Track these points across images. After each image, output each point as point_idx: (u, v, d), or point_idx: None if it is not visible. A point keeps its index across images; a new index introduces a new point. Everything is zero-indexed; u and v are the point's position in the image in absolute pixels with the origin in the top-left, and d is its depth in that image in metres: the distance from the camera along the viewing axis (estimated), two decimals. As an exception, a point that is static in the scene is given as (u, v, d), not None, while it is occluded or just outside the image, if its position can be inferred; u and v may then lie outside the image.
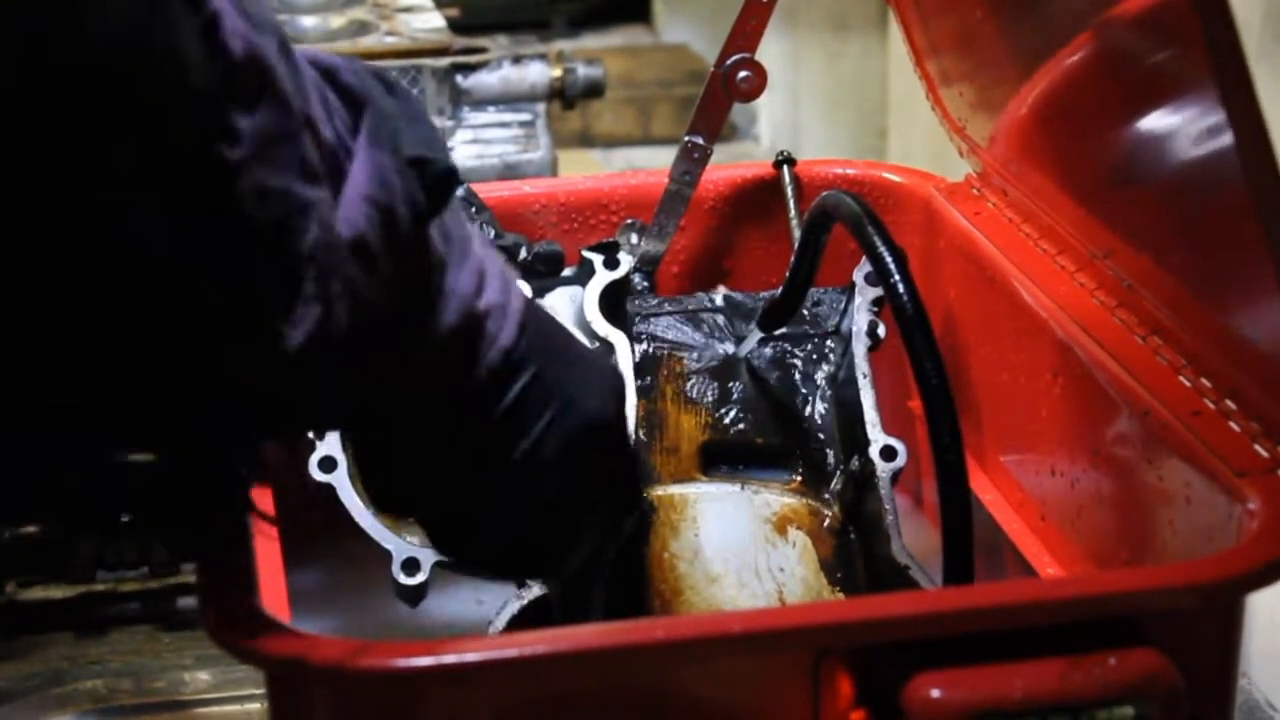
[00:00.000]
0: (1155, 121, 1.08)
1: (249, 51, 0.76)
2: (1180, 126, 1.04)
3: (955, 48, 1.41)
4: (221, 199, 0.75)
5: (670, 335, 1.37)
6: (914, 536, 1.22)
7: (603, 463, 1.00)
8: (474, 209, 1.31)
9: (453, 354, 0.91)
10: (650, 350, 1.36)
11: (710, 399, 1.35)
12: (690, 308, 1.38)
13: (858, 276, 1.33)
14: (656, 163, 1.93)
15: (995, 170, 1.39)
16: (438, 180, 0.87)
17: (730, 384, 1.35)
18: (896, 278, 1.09)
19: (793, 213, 1.45)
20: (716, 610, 1.20)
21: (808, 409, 1.34)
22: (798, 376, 1.36)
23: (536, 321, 0.96)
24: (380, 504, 1.00)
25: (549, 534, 1.00)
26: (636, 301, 1.39)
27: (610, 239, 1.35)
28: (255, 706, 1.53)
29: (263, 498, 1.01)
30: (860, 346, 1.30)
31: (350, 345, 0.83)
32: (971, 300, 1.39)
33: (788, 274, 1.32)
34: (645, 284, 1.43)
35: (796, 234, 1.44)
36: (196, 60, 0.73)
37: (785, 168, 1.47)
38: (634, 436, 1.25)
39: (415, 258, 0.87)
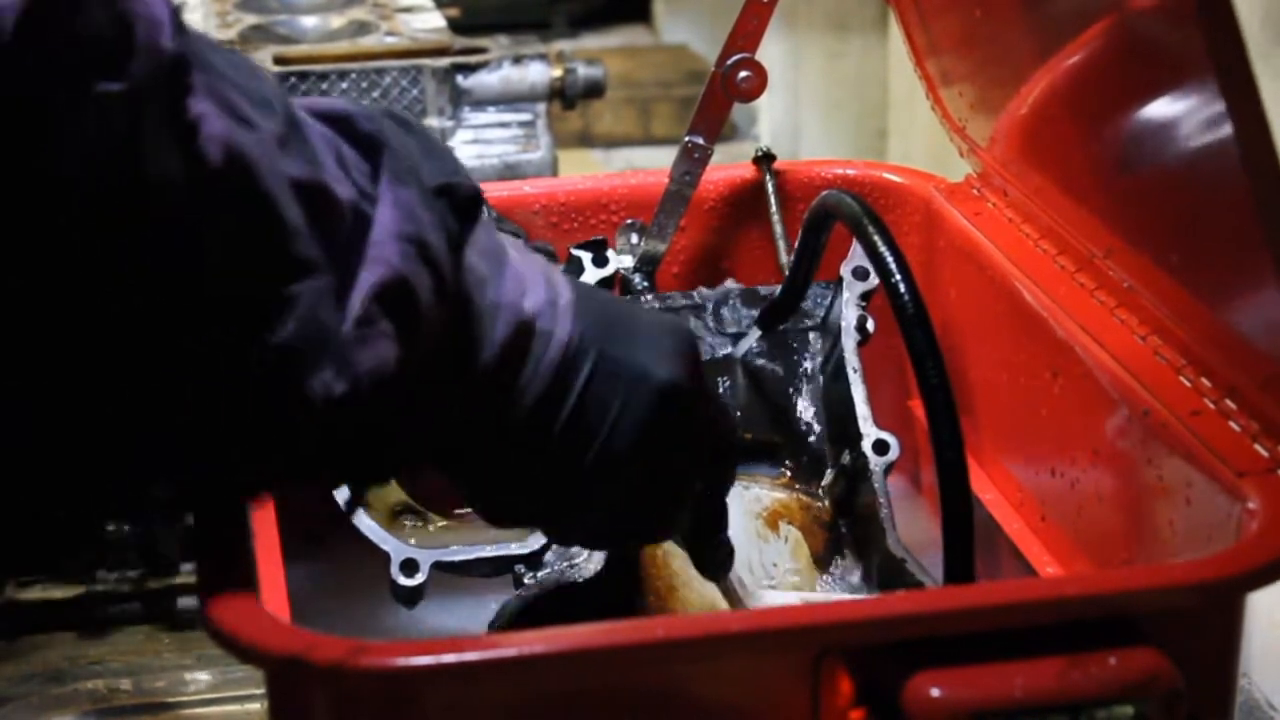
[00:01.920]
0: (1156, 122, 1.08)
1: (228, 154, 0.77)
2: (1181, 126, 1.04)
3: (955, 48, 1.41)
4: (187, 299, 0.77)
5: None
6: (912, 524, 1.22)
7: (687, 424, 0.98)
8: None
9: (510, 365, 0.91)
10: None
11: None
12: (677, 305, 1.38)
13: (845, 271, 1.32)
14: (656, 163, 1.93)
15: (995, 170, 1.39)
16: (465, 203, 0.88)
17: (717, 379, 1.36)
18: (898, 277, 1.09)
19: (774, 208, 1.45)
20: (711, 606, 1.21)
21: (796, 404, 1.35)
22: (785, 371, 1.36)
23: (590, 305, 0.95)
24: (490, 521, 1.01)
25: (652, 505, 1.00)
26: (626, 299, 1.39)
27: (599, 237, 1.35)
28: (255, 706, 1.53)
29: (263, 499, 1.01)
30: (850, 341, 1.30)
31: (399, 386, 0.84)
32: (971, 300, 1.39)
33: (787, 273, 1.32)
34: (645, 284, 1.43)
35: (778, 230, 1.45)
36: (170, 174, 0.74)
37: (765, 164, 1.47)
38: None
39: (457, 280, 0.88)
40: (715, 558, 1.09)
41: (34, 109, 0.70)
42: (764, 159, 1.48)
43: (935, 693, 0.87)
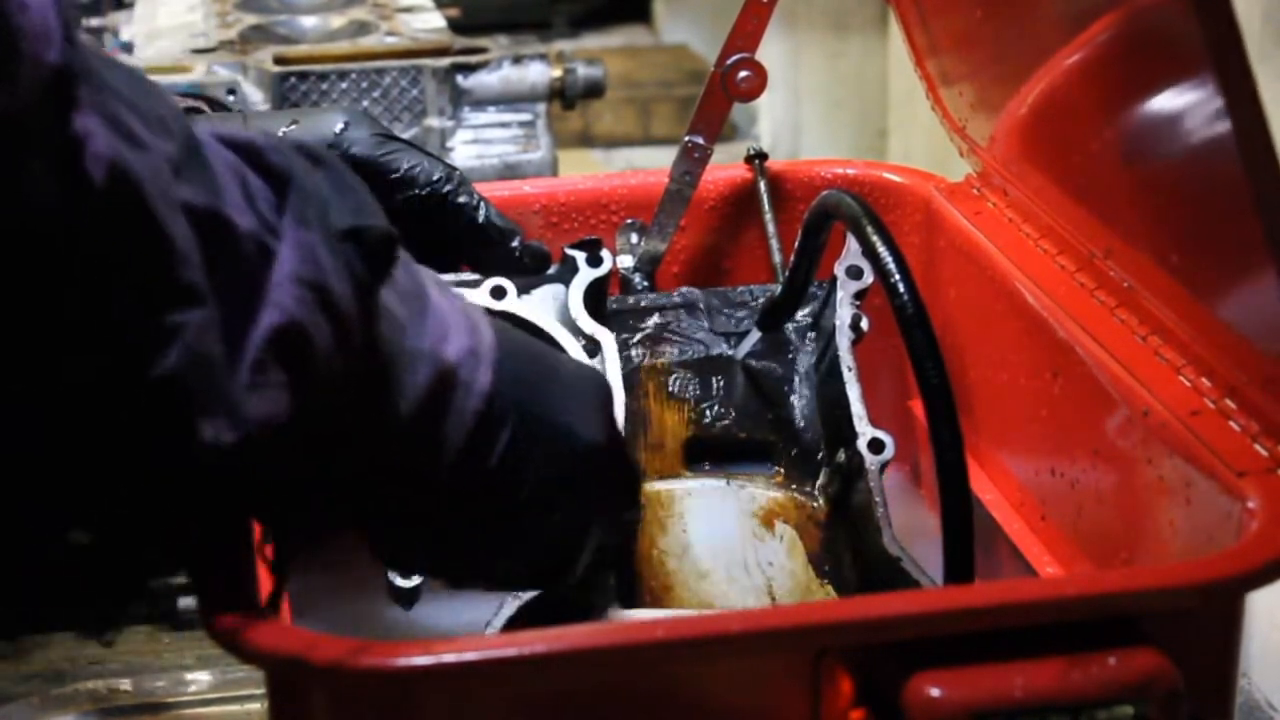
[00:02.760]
0: (1156, 121, 1.08)
1: (113, 174, 0.73)
2: (1181, 126, 1.04)
3: (955, 48, 1.41)
4: (68, 323, 0.74)
5: (651, 331, 1.37)
6: (910, 518, 1.22)
7: (604, 481, 0.99)
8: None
9: (430, 414, 0.89)
10: (632, 346, 1.36)
11: (692, 394, 1.35)
12: (670, 303, 1.38)
13: (839, 270, 1.32)
14: (656, 163, 1.93)
15: (995, 170, 1.39)
16: (376, 246, 0.84)
17: (712, 379, 1.36)
18: (897, 277, 1.09)
19: (766, 208, 1.45)
20: (707, 606, 1.21)
21: (789, 402, 1.35)
22: (780, 370, 1.36)
23: (510, 352, 0.93)
24: (388, 564, 0.99)
25: (558, 557, 0.99)
26: (618, 298, 1.39)
27: (594, 236, 1.35)
28: (255, 706, 1.53)
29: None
30: (844, 340, 1.30)
31: (298, 435, 0.81)
32: (971, 300, 1.39)
33: (787, 273, 1.32)
34: (645, 284, 1.43)
35: (771, 229, 1.45)
36: (50, 193, 0.72)
37: (758, 164, 1.47)
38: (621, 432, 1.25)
39: (366, 328, 0.84)
40: (600, 595, 1.10)
41: None
42: (756, 158, 1.48)
43: (935, 693, 0.87)
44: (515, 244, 1.31)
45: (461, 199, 1.30)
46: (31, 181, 0.71)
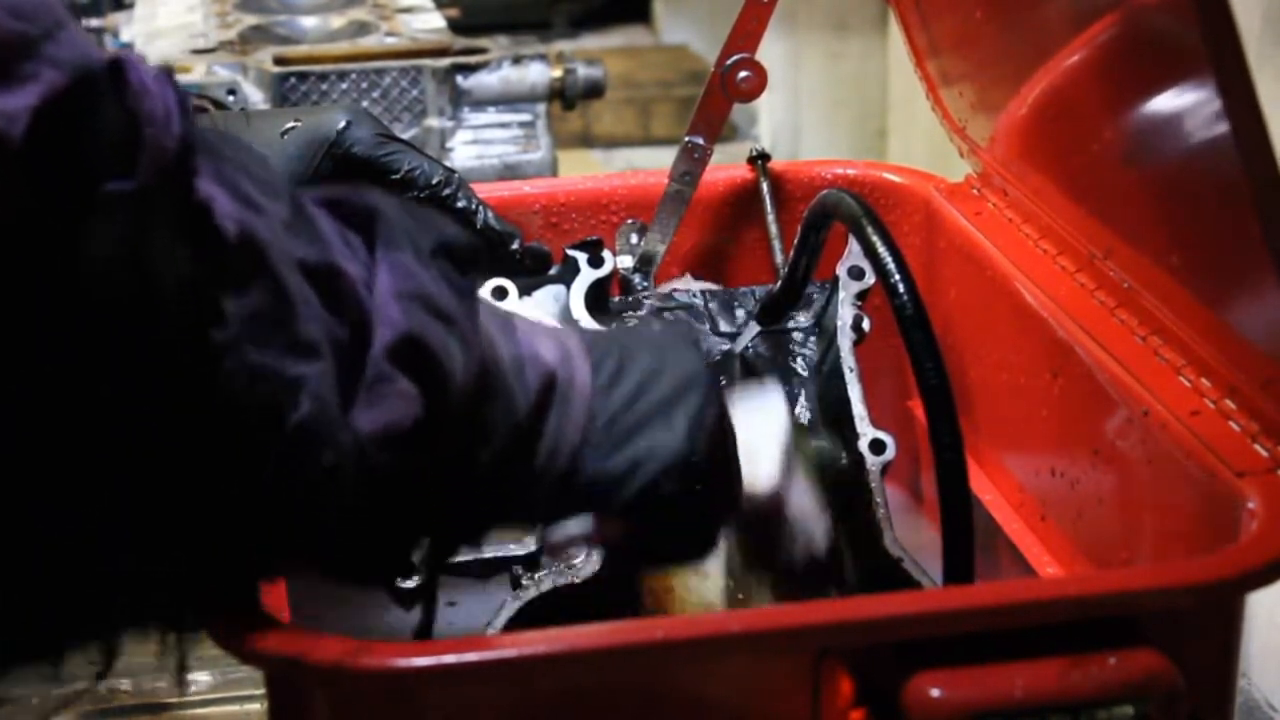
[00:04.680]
0: (1155, 122, 1.08)
1: (240, 233, 0.78)
2: (1180, 127, 1.04)
3: (955, 48, 1.41)
4: (211, 380, 0.77)
5: None
6: (912, 533, 1.22)
7: (699, 489, 0.97)
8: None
9: (543, 414, 0.91)
10: None
11: None
12: (671, 303, 1.38)
13: (840, 270, 1.32)
14: (656, 163, 1.93)
15: (995, 170, 1.39)
16: (465, 254, 0.89)
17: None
18: (897, 277, 1.08)
19: (769, 209, 1.45)
20: (707, 606, 1.21)
21: (793, 403, 1.34)
22: (781, 371, 1.35)
23: (601, 350, 0.95)
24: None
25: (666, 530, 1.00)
26: (619, 298, 1.39)
27: (595, 237, 1.35)
28: (255, 707, 1.53)
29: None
30: (846, 341, 1.29)
31: (423, 442, 0.84)
32: (971, 300, 1.39)
33: (786, 269, 1.32)
34: (645, 284, 1.43)
35: (773, 230, 1.45)
36: (179, 265, 0.75)
37: (760, 165, 1.47)
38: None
39: (473, 328, 0.88)
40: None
41: (48, 215, 0.71)
42: (759, 159, 1.48)
43: (935, 693, 0.87)
44: (515, 246, 1.31)
45: (460, 203, 1.30)
46: (162, 250, 0.74)
